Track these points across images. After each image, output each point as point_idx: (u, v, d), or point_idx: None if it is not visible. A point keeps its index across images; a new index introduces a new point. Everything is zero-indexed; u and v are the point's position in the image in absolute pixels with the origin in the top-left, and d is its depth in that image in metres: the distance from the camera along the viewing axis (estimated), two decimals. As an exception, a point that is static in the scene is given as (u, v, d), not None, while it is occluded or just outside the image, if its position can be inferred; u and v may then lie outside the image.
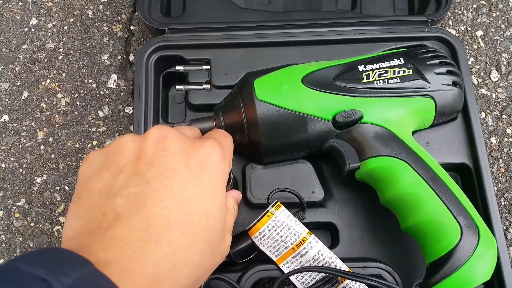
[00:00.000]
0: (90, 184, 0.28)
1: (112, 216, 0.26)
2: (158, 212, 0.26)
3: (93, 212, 0.27)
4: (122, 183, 0.27)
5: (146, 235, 0.25)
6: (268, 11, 0.53)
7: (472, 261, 0.34)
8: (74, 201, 0.29)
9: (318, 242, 0.39)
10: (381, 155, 0.39)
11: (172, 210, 0.27)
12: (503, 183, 0.50)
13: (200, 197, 0.29)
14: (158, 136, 0.30)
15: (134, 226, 0.25)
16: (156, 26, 0.48)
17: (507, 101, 0.53)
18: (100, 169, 0.29)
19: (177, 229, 0.27)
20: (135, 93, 0.46)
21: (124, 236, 0.25)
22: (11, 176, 0.51)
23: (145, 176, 0.28)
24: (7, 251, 0.49)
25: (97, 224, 0.26)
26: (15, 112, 0.54)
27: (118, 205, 0.26)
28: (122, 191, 0.27)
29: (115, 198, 0.27)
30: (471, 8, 0.58)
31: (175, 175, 0.28)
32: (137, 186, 0.27)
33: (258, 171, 0.44)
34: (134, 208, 0.26)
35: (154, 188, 0.27)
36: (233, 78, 0.47)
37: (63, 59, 0.56)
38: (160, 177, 0.28)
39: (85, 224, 0.26)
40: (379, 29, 0.48)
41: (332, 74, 0.41)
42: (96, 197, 0.27)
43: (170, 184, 0.28)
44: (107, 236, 0.24)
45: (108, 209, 0.26)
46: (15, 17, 0.58)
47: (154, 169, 0.28)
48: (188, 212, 0.27)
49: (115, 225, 0.25)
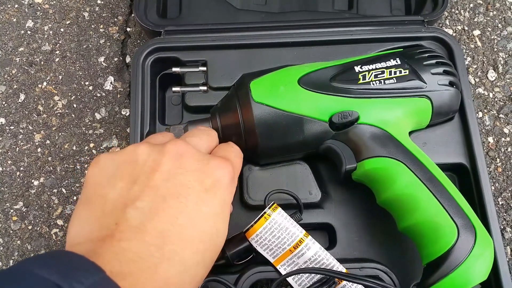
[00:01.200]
0: (102, 191, 0.28)
1: (126, 227, 0.26)
2: (172, 229, 0.27)
3: (106, 220, 0.27)
4: (137, 194, 0.27)
5: (160, 252, 0.25)
6: (264, 12, 0.53)
7: (469, 262, 0.34)
8: (83, 204, 0.29)
9: (315, 244, 0.39)
10: (378, 156, 0.39)
11: (186, 228, 0.27)
12: (500, 183, 0.50)
13: (212, 216, 0.29)
14: (175, 153, 0.30)
15: (148, 241, 0.25)
16: (152, 28, 0.48)
17: (504, 100, 0.53)
18: (113, 177, 0.29)
19: (189, 248, 0.27)
20: (132, 95, 0.46)
21: (139, 251, 0.25)
22: (8, 179, 0.51)
23: (160, 190, 0.28)
24: (5, 254, 0.49)
25: (110, 234, 0.25)
26: (12, 115, 0.54)
27: (132, 217, 0.26)
28: (137, 203, 0.27)
29: (129, 209, 0.27)
30: (468, 7, 0.58)
31: (191, 194, 0.28)
32: (152, 200, 0.27)
33: (255, 172, 0.44)
34: (149, 222, 0.26)
35: (169, 204, 0.27)
36: (229, 79, 0.47)
37: (60, 62, 0.56)
38: (175, 194, 0.28)
39: (97, 230, 0.26)
40: (376, 30, 0.48)
41: (329, 75, 0.41)
42: (110, 206, 0.27)
43: (186, 202, 0.28)
44: (121, 248, 0.25)
45: (122, 220, 0.26)
46: (11, 20, 0.58)
47: (170, 185, 0.28)
48: (201, 231, 0.28)
49: (129, 238, 0.25)
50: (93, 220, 0.27)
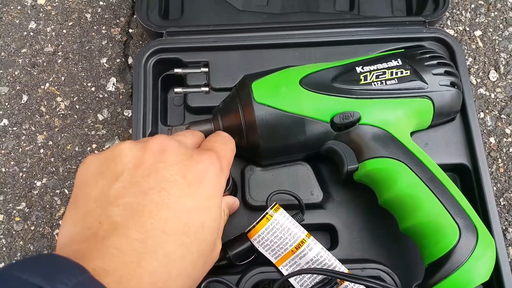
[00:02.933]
0: (86, 190, 0.28)
1: (109, 225, 0.26)
2: (154, 223, 0.26)
3: (89, 219, 0.27)
4: (119, 191, 0.27)
5: (142, 246, 0.25)
6: (266, 13, 0.53)
7: (470, 262, 0.34)
8: (70, 207, 0.29)
9: (317, 244, 0.39)
10: (379, 156, 0.39)
11: (168, 222, 0.27)
12: (502, 183, 0.50)
13: (196, 209, 0.29)
14: (157, 147, 0.30)
15: (130, 236, 0.25)
16: (154, 29, 0.48)
17: (506, 100, 0.53)
18: (96, 175, 0.29)
19: (173, 241, 0.27)
20: (134, 96, 0.46)
21: (121, 246, 0.25)
22: (11, 180, 0.51)
23: (142, 186, 0.28)
24: (8, 255, 0.49)
25: (94, 232, 0.26)
26: (15, 116, 0.54)
27: (114, 214, 0.26)
28: (119, 200, 0.27)
29: (112, 207, 0.27)
30: (469, 8, 0.58)
31: (173, 187, 0.28)
32: (134, 196, 0.27)
33: (257, 173, 0.44)
34: (131, 218, 0.26)
35: (151, 199, 0.27)
36: (231, 80, 0.47)
37: (62, 63, 0.56)
38: (157, 188, 0.28)
39: (81, 231, 0.26)
40: (377, 30, 0.48)
41: (330, 76, 0.41)
42: (92, 204, 0.27)
43: (167, 195, 0.28)
44: (104, 245, 0.25)
45: (105, 218, 0.26)
46: (14, 21, 0.58)
47: (151, 180, 0.28)
48: (184, 224, 0.28)
49: (112, 234, 0.25)
50: (78, 220, 0.27)
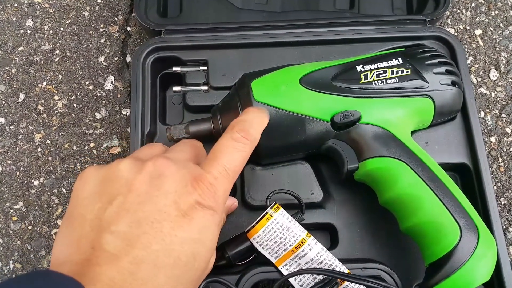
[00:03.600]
0: (82, 211, 0.29)
1: (101, 252, 0.26)
2: (146, 256, 0.27)
3: (83, 243, 0.27)
4: (113, 217, 0.28)
5: (133, 278, 0.26)
6: (266, 11, 0.53)
7: (471, 262, 0.34)
8: (65, 222, 0.29)
9: (317, 244, 0.39)
10: (380, 155, 0.39)
11: (159, 255, 0.27)
12: (502, 182, 0.50)
13: (189, 241, 0.29)
14: (154, 171, 0.30)
15: (122, 267, 0.26)
16: (153, 27, 0.48)
17: (506, 100, 0.53)
18: (93, 195, 0.29)
19: (164, 274, 0.27)
20: (132, 94, 0.46)
21: (113, 276, 0.25)
22: (8, 179, 0.51)
23: (136, 214, 0.28)
24: (5, 255, 0.48)
25: (87, 258, 0.26)
26: (12, 115, 0.53)
27: (106, 242, 0.27)
28: (112, 226, 0.27)
29: (105, 233, 0.27)
30: (470, 7, 0.57)
31: (166, 219, 0.28)
32: (126, 225, 0.27)
33: (256, 172, 0.44)
34: (123, 248, 0.26)
35: (144, 230, 0.27)
36: (230, 79, 0.47)
37: (60, 61, 0.55)
38: (150, 218, 0.28)
39: (75, 253, 0.27)
40: (378, 29, 0.48)
41: (330, 75, 0.41)
42: (87, 227, 0.28)
43: (160, 228, 0.28)
44: (96, 273, 0.25)
45: (98, 244, 0.27)
46: (10, 19, 0.57)
47: (145, 208, 0.28)
48: (175, 257, 0.28)
49: (104, 263, 0.26)
50: (73, 241, 0.28)
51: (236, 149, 0.34)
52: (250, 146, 0.35)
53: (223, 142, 0.34)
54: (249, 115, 0.37)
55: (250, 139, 0.35)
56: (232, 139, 0.34)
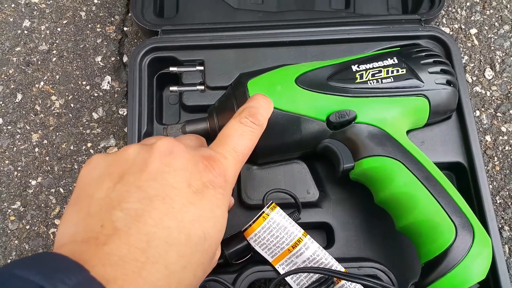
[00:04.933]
0: (90, 191, 0.28)
1: (111, 229, 0.25)
2: (157, 232, 0.26)
3: (91, 221, 0.26)
4: (123, 195, 0.27)
5: (144, 255, 0.25)
6: (262, 11, 0.53)
7: (467, 261, 0.34)
8: (71, 204, 0.28)
9: (314, 243, 0.39)
10: (376, 155, 0.39)
11: (171, 231, 0.26)
12: (498, 181, 0.50)
13: (200, 219, 0.28)
14: (164, 150, 0.29)
15: (132, 244, 0.25)
16: (149, 27, 0.48)
17: (501, 99, 0.53)
18: (102, 176, 0.28)
19: (175, 251, 0.26)
20: (129, 94, 0.46)
21: (123, 254, 0.24)
22: (6, 179, 0.51)
23: (147, 191, 0.27)
24: (3, 254, 0.48)
25: (94, 236, 0.25)
26: (9, 115, 0.53)
27: (117, 219, 0.26)
28: (123, 204, 0.26)
29: (115, 210, 0.26)
30: (465, 6, 0.58)
31: (177, 195, 0.28)
32: (138, 202, 0.27)
33: (253, 171, 0.44)
34: (134, 224, 0.26)
35: (155, 206, 0.27)
36: (227, 79, 0.47)
37: (57, 61, 0.56)
38: (162, 194, 0.27)
39: (82, 232, 0.26)
40: (373, 29, 0.48)
41: (326, 74, 0.41)
42: (96, 206, 0.27)
43: (172, 203, 0.27)
44: (104, 251, 0.24)
45: (107, 222, 0.26)
46: (7, 19, 0.57)
47: (156, 185, 0.27)
48: (187, 234, 0.27)
49: (113, 240, 0.25)
50: (79, 221, 0.27)
51: (244, 132, 0.34)
52: (258, 130, 0.35)
53: (232, 126, 0.34)
54: (257, 102, 0.36)
55: (259, 124, 0.35)
56: (241, 123, 0.34)
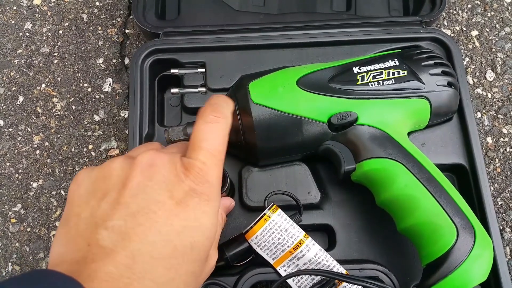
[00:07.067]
0: (77, 210, 0.29)
1: (97, 248, 0.26)
2: (142, 248, 0.26)
3: (79, 241, 0.27)
4: (107, 213, 0.27)
5: (130, 271, 0.25)
6: (263, 14, 0.53)
7: (468, 262, 0.34)
8: (61, 225, 0.29)
9: (315, 245, 0.39)
10: (377, 156, 0.39)
11: (156, 246, 0.27)
12: (499, 183, 0.50)
13: (185, 230, 0.28)
14: (145, 163, 0.29)
15: (118, 261, 0.25)
16: (151, 30, 0.48)
17: (502, 100, 0.53)
18: (88, 194, 0.29)
19: (161, 265, 0.27)
20: (130, 96, 0.46)
21: (110, 271, 0.25)
22: (7, 181, 0.51)
23: (130, 207, 0.27)
24: (3, 257, 0.48)
25: (83, 255, 0.26)
26: (11, 117, 0.53)
27: (102, 238, 0.26)
28: (107, 222, 0.27)
29: (100, 229, 0.27)
30: (466, 8, 0.58)
31: (160, 208, 0.28)
32: (121, 219, 0.27)
33: (254, 174, 0.44)
34: (119, 242, 0.26)
35: (139, 222, 0.27)
36: (228, 81, 0.47)
37: (58, 63, 0.56)
38: (145, 209, 0.27)
39: (72, 252, 0.26)
40: (374, 30, 0.48)
41: (327, 76, 0.41)
42: (83, 225, 0.27)
43: (155, 218, 0.27)
44: (92, 269, 0.25)
45: (93, 241, 0.26)
46: (9, 22, 0.58)
47: (139, 201, 0.28)
48: (172, 246, 0.27)
49: (100, 258, 0.25)
50: (69, 240, 0.27)
51: (214, 130, 0.33)
52: (225, 124, 0.34)
53: (200, 128, 0.33)
54: (216, 99, 0.36)
55: (223, 116, 0.34)
56: (208, 122, 0.33)
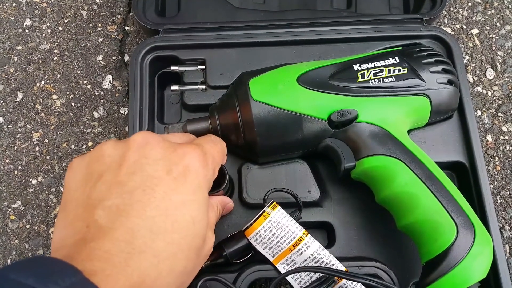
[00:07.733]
0: (74, 194, 0.28)
1: (95, 228, 0.26)
2: (141, 223, 0.26)
3: (77, 224, 0.27)
4: (104, 193, 0.27)
5: (130, 247, 0.25)
6: (263, 11, 0.53)
7: (468, 260, 0.34)
8: (61, 211, 0.29)
9: (315, 242, 0.39)
10: (377, 154, 0.39)
11: (156, 220, 0.27)
12: (499, 181, 0.50)
13: (184, 204, 0.28)
14: (140, 142, 0.30)
15: (117, 238, 0.25)
16: (151, 26, 0.48)
17: (502, 99, 0.53)
18: (83, 178, 0.29)
19: (162, 239, 0.26)
20: (130, 93, 0.46)
21: (108, 248, 0.25)
22: (6, 178, 0.51)
23: (127, 185, 0.27)
24: (3, 254, 0.48)
25: (82, 237, 0.26)
26: (10, 114, 0.53)
27: (100, 218, 0.26)
28: (104, 202, 0.27)
29: (97, 210, 0.27)
30: (466, 6, 0.58)
31: (158, 184, 0.28)
32: (119, 197, 0.27)
33: (254, 171, 0.44)
34: (117, 219, 0.26)
35: (137, 199, 0.27)
36: (228, 78, 0.47)
37: (58, 60, 0.56)
38: (142, 186, 0.27)
39: (71, 235, 0.26)
40: (375, 28, 0.48)
41: (327, 74, 0.41)
42: (80, 208, 0.27)
43: (153, 193, 0.27)
44: (91, 248, 0.25)
45: (91, 222, 0.26)
46: (9, 18, 0.57)
47: (136, 178, 0.28)
48: (173, 221, 0.27)
49: (99, 237, 0.25)
50: (68, 224, 0.27)
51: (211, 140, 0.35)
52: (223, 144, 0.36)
53: None
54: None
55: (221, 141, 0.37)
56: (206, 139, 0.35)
